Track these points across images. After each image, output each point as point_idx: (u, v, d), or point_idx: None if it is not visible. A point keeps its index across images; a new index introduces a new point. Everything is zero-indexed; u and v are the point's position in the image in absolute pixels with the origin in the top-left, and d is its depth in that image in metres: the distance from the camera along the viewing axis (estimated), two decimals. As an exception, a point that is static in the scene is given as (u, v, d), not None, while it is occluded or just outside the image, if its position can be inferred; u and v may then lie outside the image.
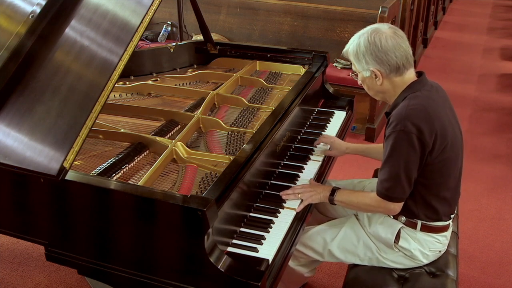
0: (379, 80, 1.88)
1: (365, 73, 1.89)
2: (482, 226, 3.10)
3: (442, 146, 1.82)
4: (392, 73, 1.85)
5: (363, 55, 1.86)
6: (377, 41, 1.83)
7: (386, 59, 1.83)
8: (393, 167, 1.82)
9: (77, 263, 1.73)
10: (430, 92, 1.87)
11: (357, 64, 1.91)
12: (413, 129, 1.76)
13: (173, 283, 1.59)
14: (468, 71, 5.68)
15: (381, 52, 1.82)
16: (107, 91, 1.68)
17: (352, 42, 1.91)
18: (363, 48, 1.85)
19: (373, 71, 1.86)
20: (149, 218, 1.57)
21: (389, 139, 1.82)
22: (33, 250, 2.80)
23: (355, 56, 1.89)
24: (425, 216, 1.93)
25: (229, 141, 2.10)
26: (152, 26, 5.07)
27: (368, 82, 1.93)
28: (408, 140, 1.77)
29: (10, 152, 1.65)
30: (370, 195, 1.93)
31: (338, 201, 1.99)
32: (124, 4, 1.86)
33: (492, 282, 2.67)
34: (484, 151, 3.97)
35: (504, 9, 8.40)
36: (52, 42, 1.85)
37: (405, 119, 1.78)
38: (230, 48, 2.90)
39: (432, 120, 1.79)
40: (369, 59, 1.85)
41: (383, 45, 1.82)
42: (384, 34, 1.83)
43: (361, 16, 4.21)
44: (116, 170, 1.84)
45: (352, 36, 1.93)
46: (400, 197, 1.86)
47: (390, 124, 1.83)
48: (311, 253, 2.09)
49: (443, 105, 1.89)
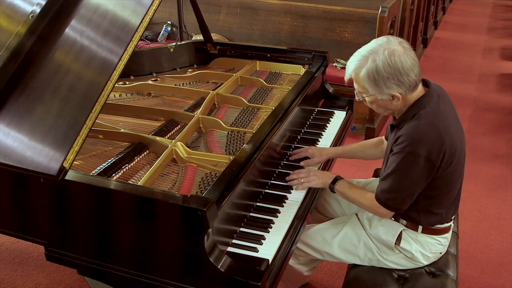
0: (397, 101, 1.77)
1: (381, 96, 1.77)
2: (482, 226, 3.10)
3: (450, 161, 1.80)
4: (408, 91, 1.76)
5: (384, 80, 1.71)
6: (398, 63, 1.69)
7: (408, 80, 1.72)
8: (397, 183, 1.81)
9: (77, 263, 1.73)
10: (438, 104, 1.82)
11: (373, 89, 1.75)
12: (423, 152, 1.73)
13: (173, 283, 1.59)
14: (468, 71, 5.68)
15: (403, 75, 1.71)
16: (107, 91, 1.68)
17: (361, 65, 1.75)
18: (383, 73, 1.70)
19: (393, 95, 1.75)
20: (149, 218, 1.57)
21: (397, 157, 1.78)
22: (33, 250, 2.80)
23: (372, 81, 1.73)
24: (427, 222, 1.93)
25: (229, 141, 2.10)
26: (152, 26, 5.07)
27: (381, 104, 1.82)
28: (417, 162, 1.74)
29: (10, 152, 1.65)
30: (367, 195, 1.94)
31: (337, 190, 2.01)
32: (124, 4, 1.86)
33: (492, 282, 2.67)
34: (484, 151, 3.97)
35: (504, 9, 8.40)
36: (52, 42, 1.85)
37: (416, 141, 1.73)
38: (230, 48, 2.90)
39: (443, 138, 1.75)
40: (390, 84, 1.72)
41: (404, 67, 1.70)
42: (400, 53, 1.70)
43: (361, 16, 4.21)
44: (116, 170, 1.84)
45: (355, 57, 1.78)
46: (397, 208, 1.87)
47: (400, 143, 1.77)
48: (311, 251, 2.08)
49: (450, 115, 1.85)
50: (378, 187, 1.89)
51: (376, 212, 1.93)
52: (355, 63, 1.78)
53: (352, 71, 1.79)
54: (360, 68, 1.76)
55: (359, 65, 1.76)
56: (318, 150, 2.23)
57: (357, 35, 4.28)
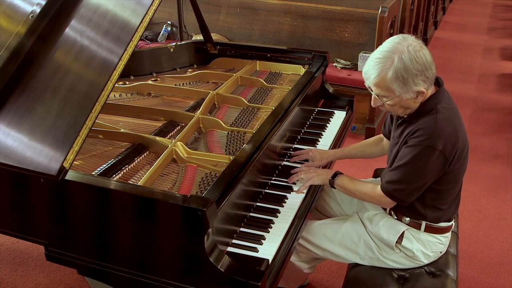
0: (421, 98, 1.74)
1: (407, 95, 1.73)
2: (482, 226, 3.10)
3: (460, 157, 1.82)
4: (430, 86, 1.76)
5: (413, 78, 1.68)
6: (423, 58, 1.67)
7: (431, 75, 1.71)
8: (407, 174, 1.81)
9: (77, 263, 1.73)
10: (451, 100, 1.85)
11: (400, 88, 1.70)
12: (440, 146, 1.74)
13: (173, 283, 1.59)
14: (468, 71, 5.68)
15: (429, 70, 1.70)
16: (107, 91, 1.68)
17: (386, 67, 1.69)
18: (412, 70, 1.67)
19: (419, 91, 1.72)
20: (149, 218, 1.57)
21: (412, 149, 1.78)
22: (33, 250, 2.80)
23: (401, 81, 1.68)
24: (431, 218, 1.93)
25: (229, 141, 2.10)
26: (152, 26, 5.07)
27: (404, 104, 1.77)
28: (431, 156, 1.75)
29: (10, 152, 1.65)
30: (369, 185, 1.96)
31: (337, 185, 2.01)
32: (124, 4, 1.86)
33: (491, 282, 2.67)
34: (484, 151, 3.97)
35: (504, 9, 8.40)
36: (52, 42, 1.85)
37: (435, 135, 1.73)
38: (230, 48, 2.90)
39: (457, 134, 1.78)
40: (418, 80, 1.69)
41: (429, 61, 1.69)
42: (421, 47, 1.69)
43: (361, 16, 4.21)
44: (116, 172, 1.84)
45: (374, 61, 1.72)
46: (403, 199, 1.87)
47: (417, 136, 1.76)
48: (311, 247, 2.08)
49: (459, 113, 1.88)
50: (384, 178, 1.89)
51: (378, 201, 1.93)
52: (379, 66, 1.70)
53: (377, 76, 1.71)
54: (386, 71, 1.70)
55: (383, 68, 1.70)
56: (319, 153, 2.22)
57: (357, 35, 4.28)
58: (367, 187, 1.96)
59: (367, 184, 1.99)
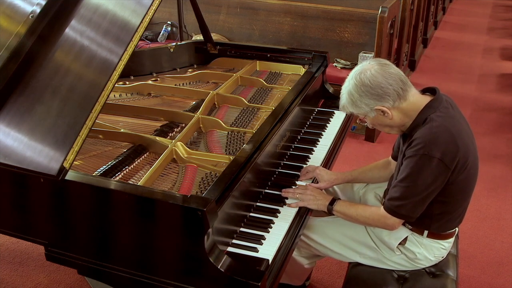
0: (388, 115, 1.81)
1: (371, 114, 1.84)
2: (482, 226, 3.10)
3: (465, 165, 1.79)
4: (396, 102, 1.79)
5: (359, 100, 1.81)
6: (365, 80, 1.78)
7: (383, 92, 1.77)
8: (408, 188, 1.78)
9: (77, 263, 1.73)
10: (448, 109, 1.83)
11: (358, 110, 1.85)
12: (437, 154, 1.72)
13: (173, 283, 1.59)
14: (468, 71, 5.68)
15: (374, 89, 1.77)
16: (107, 91, 1.68)
17: (343, 95, 1.87)
18: (355, 94, 1.80)
19: (377, 109, 1.81)
20: (149, 218, 1.57)
21: (410, 160, 1.77)
22: (33, 250, 2.80)
23: (353, 105, 1.84)
24: (437, 228, 1.92)
25: (229, 141, 2.10)
26: (152, 26, 5.07)
27: (379, 121, 1.87)
28: (430, 165, 1.73)
29: (10, 152, 1.65)
30: (372, 208, 1.92)
31: (336, 211, 1.95)
32: (124, 4, 1.86)
33: (492, 281, 2.67)
34: (484, 151, 3.97)
35: (504, 9, 8.40)
36: (52, 42, 1.85)
37: (430, 142, 1.73)
38: (230, 48, 2.90)
39: (456, 140, 1.75)
40: (368, 101, 1.79)
41: (372, 81, 1.77)
42: (368, 70, 1.78)
43: (361, 16, 4.21)
44: (116, 173, 1.84)
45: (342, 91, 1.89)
46: (407, 215, 1.82)
47: (414, 146, 1.77)
48: (312, 243, 2.07)
49: (460, 120, 1.85)
50: (386, 197, 1.86)
51: (384, 224, 1.87)
52: (342, 98, 1.89)
53: (341, 106, 1.91)
54: (343, 100, 1.89)
55: (342, 98, 1.89)
56: (326, 172, 2.14)
57: (357, 35, 4.28)
58: (370, 210, 1.91)
59: (370, 207, 1.95)
